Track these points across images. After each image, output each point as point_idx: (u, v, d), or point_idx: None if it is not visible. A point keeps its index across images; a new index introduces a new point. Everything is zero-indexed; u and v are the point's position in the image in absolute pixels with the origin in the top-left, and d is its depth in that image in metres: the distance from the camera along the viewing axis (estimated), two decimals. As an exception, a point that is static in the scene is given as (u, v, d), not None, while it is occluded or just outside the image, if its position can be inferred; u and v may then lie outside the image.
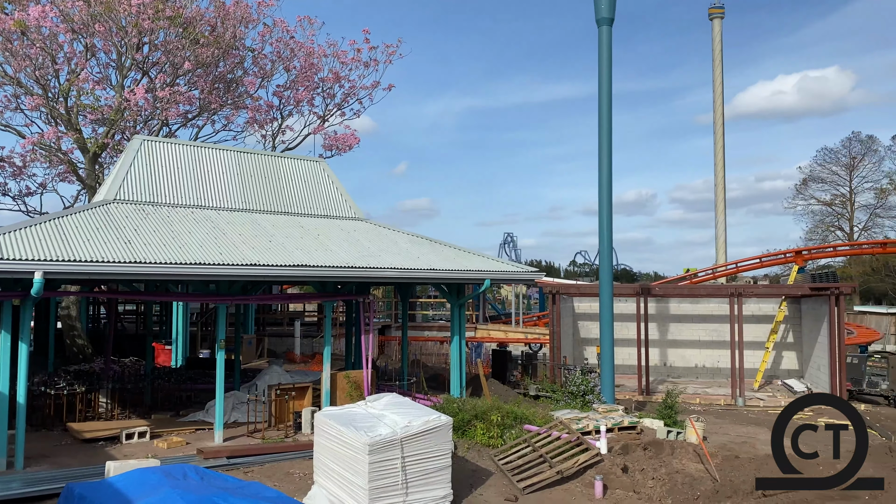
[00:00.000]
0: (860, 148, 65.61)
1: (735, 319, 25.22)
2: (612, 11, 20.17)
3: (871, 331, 40.11)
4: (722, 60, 76.43)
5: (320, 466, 12.22)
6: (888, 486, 13.68)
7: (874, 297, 67.06)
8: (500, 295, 76.91)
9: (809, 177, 67.72)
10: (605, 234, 20.54)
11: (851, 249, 49.55)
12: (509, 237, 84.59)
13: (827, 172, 66.85)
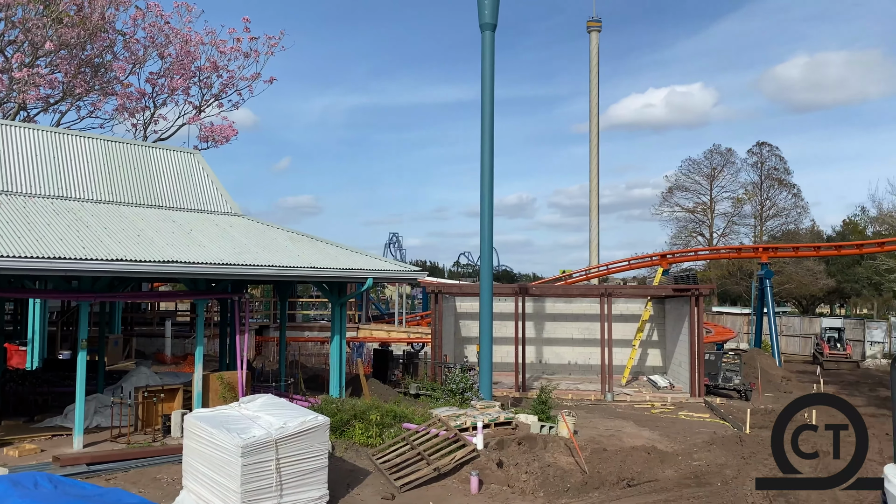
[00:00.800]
0: (720, 160, 70.57)
1: (605, 318, 26.44)
2: (495, 18, 20.61)
3: (727, 330, 43.24)
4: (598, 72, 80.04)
5: (190, 471, 11.72)
6: (738, 473, 14.81)
7: (730, 298, 72.41)
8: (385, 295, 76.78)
9: (675, 185, 72.09)
10: (486, 235, 20.97)
11: (711, 254, 53.18)
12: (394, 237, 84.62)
13: (690, 182, 71.41)
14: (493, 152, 20.96)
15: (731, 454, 16.22)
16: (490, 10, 20.46)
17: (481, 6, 20.53)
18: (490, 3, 20.42)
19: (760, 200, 69.52)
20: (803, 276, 61.28)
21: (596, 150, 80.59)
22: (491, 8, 20.44)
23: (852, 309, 75.36)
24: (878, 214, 61.21)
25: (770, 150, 70.01)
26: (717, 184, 70.80)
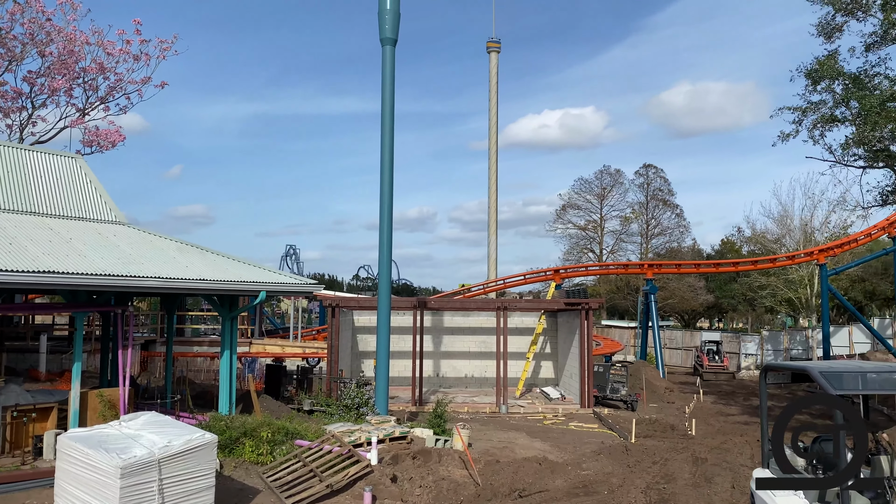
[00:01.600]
0: (609, 180, 73.85)
1: (501, 332, 26.93)
2: (395, 33, 20.72)
3: (615, 342, 44.99)
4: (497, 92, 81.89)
5: (63, 495, 10.97)
6: (623, 481, 15.38)
7: (618, 312, 75.42)
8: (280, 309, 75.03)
9: (568, 203, 74.77)
10: (385, 248, 20.93)
11: (600, 269, 55.29)
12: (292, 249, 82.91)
13: (582, 200, 74.29)
14: (393, 165, 21.00)
15: (618, 463, 16.83)
16: (391, 25, 20.56)
17: (382, 21, 20.60)
18: (391, 18, 20.52)
19: (646, 219, 73.14)
20: (685, 292, 64.77)
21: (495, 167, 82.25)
22: (391, 23, 20.55)
23: (729, 323, 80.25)
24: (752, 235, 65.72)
25: (655, 172, 73.88)
26: (606, 203, 73.98)
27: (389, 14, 20.57)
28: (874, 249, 50.97)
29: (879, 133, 20.97)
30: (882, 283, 55.85)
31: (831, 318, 46.00)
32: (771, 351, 48.36)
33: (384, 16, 20.57)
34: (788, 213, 59.53)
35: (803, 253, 45.47)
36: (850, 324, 49.20)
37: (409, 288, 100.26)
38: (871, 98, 21.06)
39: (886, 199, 23.42)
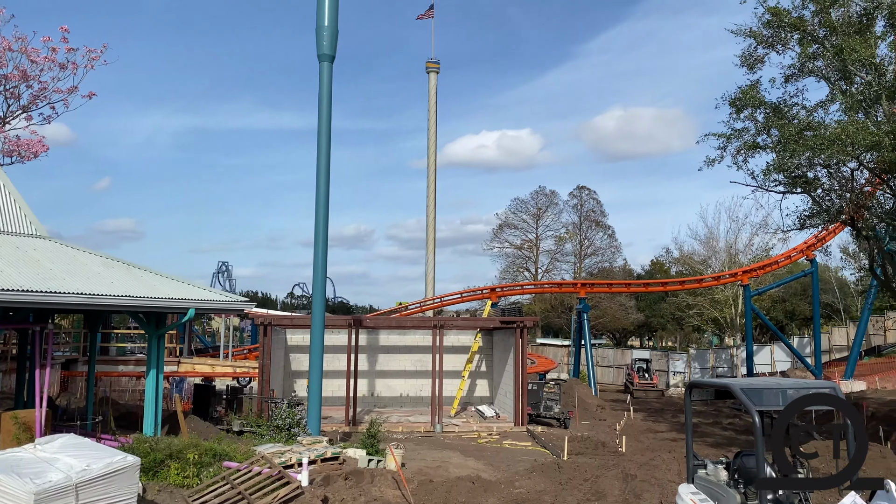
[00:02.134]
0: (545, 200, 75.13)
1: (437, 350, 26.92)
2: (333, 49, 20.67)
3: (549, 360, 45.57)
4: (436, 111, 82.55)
5: (-31, 525, 10.34)
6: (555, 498, 15.52)
7: (553, 330, 76.50)
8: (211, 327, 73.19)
9: (504, 223, 75.68)
10: (320, 265, 20.69)
11: (535, 288, 56.07)
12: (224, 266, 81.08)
13: (518, 220, 75.30)
14: (329, 182, 20.83)
15: (550, 481, 16.96)
16: (328, 41, 20.50)
17: (319, 37, 20.52)
18: (328, 34, 20.47)
19: (580, 240, 74.62)
20: (616, 311, 66.25)
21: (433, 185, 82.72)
22: (329, 39, 20.49)
23: (659, 342, 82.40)
24: (680, 256, 67.86)
25: (589, 194, 75.57)
26: (542, 223, 75.20)
27: (327, 31, 20.52)
28: (794, 271, 53.34)
29: (797, 160, 21.98)
30: (801, 303, 58.43)
31: (754, 337, 47.74)
32: (698, 369, 49.82)
33: (322, 32, 20.50)
34: (714, 236, 61.77)
35: (728, 274, 47.21)
36: (772, 342, 51.24)
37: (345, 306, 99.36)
38: (789, 127, 22.11)
39: (804, 223, 24.51)
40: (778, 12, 22.99)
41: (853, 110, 21.30)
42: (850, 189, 23.36)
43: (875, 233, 23.58)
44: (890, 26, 22.15)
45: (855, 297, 57.20)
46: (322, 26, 20.54)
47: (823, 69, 23.14)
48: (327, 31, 20.50)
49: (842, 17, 22.41)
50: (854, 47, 21.26)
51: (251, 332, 55.11)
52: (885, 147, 18.94)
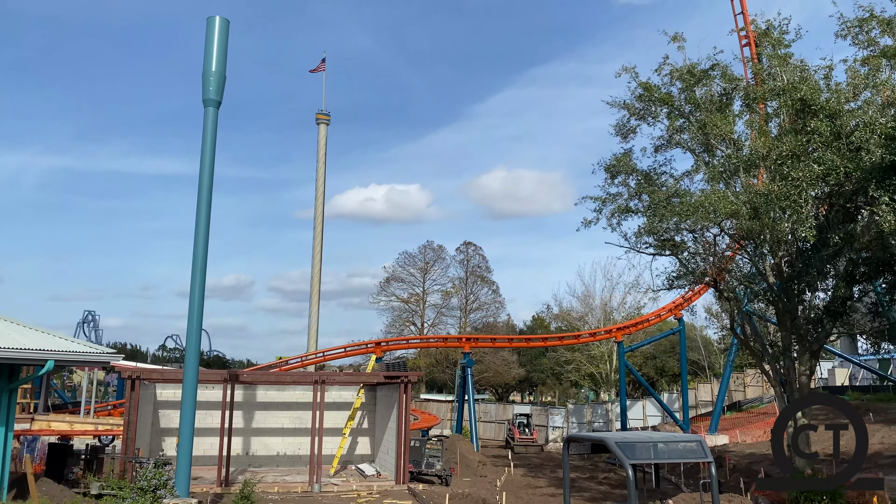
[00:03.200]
0: (433, 255, 75.99)
1: (317, 406, 26.15)
2: (220, 95, 20.29)
3: (433, 416, 45.36)
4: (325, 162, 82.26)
5: None
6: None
7: (437, 386, 76.46)
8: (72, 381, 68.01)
9: (392, 276, 75.71)
10: (196, 317, 19.79)
11: (421, 342, 56.13)
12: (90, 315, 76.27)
13: (406, 273, 75.58)
14: (208, 229, 20.14)
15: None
16: (215, 86, 20.12)
17: (206, 81, 20.12)
18: (215, 80, 20.11)
19: (465, 294, 75.70)
20: (500, 366, 67.24)
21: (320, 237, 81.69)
22: (216, 85, 20.12)
23: (539, 396, 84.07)
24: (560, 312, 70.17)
25: (475, 250, 77.16)
26: (429, 277, 75.81)
27: (215, 76, 20.16)
28: (663, 329, 56.30)
29: (665, 225, 23.46)
30: (670, 360, 61.59)
31: (628, 392, 49.69)
32: (576, 423, 51.10)
33: (209, 77, 20.12)
34: (591, 293, 64.41)
35: (603, 330, 49.16)
36: (644, 398, 53.49)
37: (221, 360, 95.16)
38: (658, 193, 23.66)
39: (672, 283, 26.03)
40: (649, 87, 24.78)
41: (715, 180, 23.08)
42: (713, 253, 25.10)
43: (735, 294, 25.34)
44: (746, 106, 24.37)
45: (718, 355, 60.91)
46: (209, 71, 20.18)
47: (689, 142, 25.03)
48: (215, 77, 20.15)
49: (705, 95, 24.45)
50: (716, 123, 23.20)
51: (117, 387, 51.58)
52: (742, 216, 20.55)
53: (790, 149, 19.56)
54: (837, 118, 19.01)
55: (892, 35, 20.11)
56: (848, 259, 21.28)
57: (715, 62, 24.27)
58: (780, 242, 21.76)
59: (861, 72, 20.92)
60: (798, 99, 20.03)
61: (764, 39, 24.00)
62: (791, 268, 22.79)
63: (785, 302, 23.03)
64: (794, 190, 18.48)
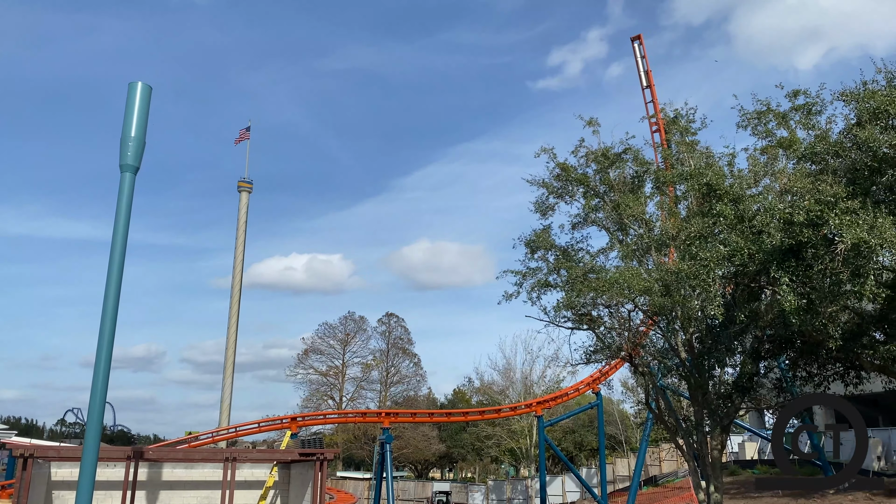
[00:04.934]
0: (353, 326, 75.02)
1: (228, 485, 24.85)
2: (138, 160, 19.83)
3: (349, 495, 43.81)
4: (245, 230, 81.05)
5: None
6: None
7: (354, 462, 74.19)
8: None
9: (311, 348, 74.09)
10: (99, 389, 18.63)
11: (339, 417, 54.43)
12: (-20, 387, 70.79)
13: (325, 345, 74.11)
14: (118, 297, 19.27)
15: None
16: (133, 152, 19.67)
17: (124, 147, 19.65)
18: (134, 144, 19.68)
19: (387, 367, 74.70)
20: (419, 441, 66.03)
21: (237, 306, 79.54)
22: (134, 150, 19.68)
23: (459, 472, 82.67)
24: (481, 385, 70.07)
25: (397, 321, 76.70)
26: (349, 349, 74.60)
27: (133, 141, 19.73)
28: (582, 403, 56.86)
29: (583, 299, 24.04)
30: (588, 434, 62.04)
31: (548, 467, 49.54)
32: (495, 500, 50.36)
33: (127, 142, 19.67)
34: (512, 367, 64.80)
35: (524, 404, 49.23)
36: (564, 473, 53.42)
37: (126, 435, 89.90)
38: (576, 269, 24.34)
39: (590, 358, 26.48)
40: (566, 168, 25.82)
41: (628, 258, 23.98)
42: (628, 328, 25.79)
43: (649, 369, 25.99)
44: (656, 188, 25.65)
45: (634, 429, 61.85)
46: (128, 137, 19.74)
47: (604, 220, 26.03)
48: (133, 143, 19.71)
49: (618, 177, 25.64)
50: (628, 204, 24.28)
51: (7, 465, 47.63)
52: (654, 292, 21.32)
53: (698, 230, 20.59)
54: (740, 202, 20.22)
55: (786, 128, 21.76)
56: (753, 336, 22.27)
57: (627, 146, 25.59)
58: (690, 319, 22.59)
59: (761, 160, 22.50)
60: (704, 183, 21.26)
61: (672, 127, 25.54)
62: (701, 344, 23.64)
63: (696, 377, 23.75)
64: (702, 269, 19.35)
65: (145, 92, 20.35)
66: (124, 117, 19.97)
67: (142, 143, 20.01)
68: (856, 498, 33.89)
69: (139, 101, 20.12)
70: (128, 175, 19.73)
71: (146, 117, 20.21)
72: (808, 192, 16.29)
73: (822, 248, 15.31)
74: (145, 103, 20.30)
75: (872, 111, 16.36)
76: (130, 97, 20.10)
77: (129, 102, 20.06)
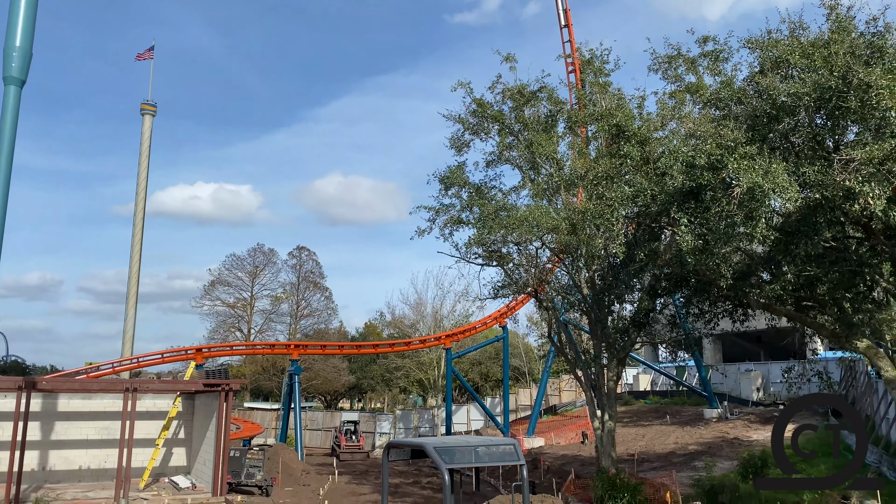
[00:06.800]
0: (263, 259, 73.51)
1: (128, 416, 24.35)
2: (25, 73, 18.38)
3: (256, 425, 43.84)
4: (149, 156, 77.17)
5: None
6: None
7: (263, 394, 74.02)
8: None
9: (217, 280, 72.24)
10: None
11: (246, 349, 54.01)
12: None
13: (233, 277, 72.41)
14: (4, 221, 18.11)
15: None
16: (18, 63, 18.22)
17: (8, 58, 18.16)
18: (19, 55, 18.22)
19: (297, 300, 74.00)
20: (329, 373, 66.42)
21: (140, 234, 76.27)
22: (20, 61, 18.22)
23: (368, 403, 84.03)
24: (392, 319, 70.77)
25: (308, 255, 75.74)
26: (258, 281, 73.25)
27: (19, 52, 18.27)
28: (489, 336, 58.50)
29: (493, 237, 24.40)
30: (494, 366, 64.06)
31: (454, 397, 50.98)
32: (403, 429, 51.62)
33: (11, 53, 18.19)
34: (423, 302, 65.58)
35: (433, 338, 50.20)
36: (469, 402, 55.20)
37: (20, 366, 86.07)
38: (488, 206, 24.58)
39: (497, 293, 27.10)
40: (482, 104, 25.73)
41: (539, 197, 24.39)
42: (535, 265, 26.46)
43: (553, 304, 26.86)
44: (569, 128, 25.99)
45: (537, 361, 64.29)
46: (13, 46, 18.25)
47: (517, 159, 26.25)
48: (18, 53, 18.26)
49: (533, 115, 25.78)
50: (541, 143, 24.53)
51: None
52: (562, 231, 21.86)
53: (605, 170, 21.08)
54: (647, 144, 20.79)
55: (695, 73, 22.31)
56: (652, 274, 23.29)
57: (543, 84, 25.68)
58: (594, 257, 23.34)
59: (669, 104, 23.07)
60: (614, 124, 21.68)
61: (587, 67, 25.73)
62: (603, 281, 24.57)
63: (597, 312, 24.76)
64: (607, 209, 19.92)
65: None
66: (7, 26, 18.43)
67: (28, 54, 18.56)
68: (735, 425, 36.73)
69: (24, 8, 18.57)
70: (12, 88, 18.32)
71: (33, 26, 18.72)
72: (711, 136, 16.83)
73: (720, 192, 15.97)
74: (31, 11, 18.77)
75: (774, 60, 16.96)
76: (14, 4, 18.52)
77: (12, 10, 18.49)
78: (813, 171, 15.34)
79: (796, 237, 16.76)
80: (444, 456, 9.16)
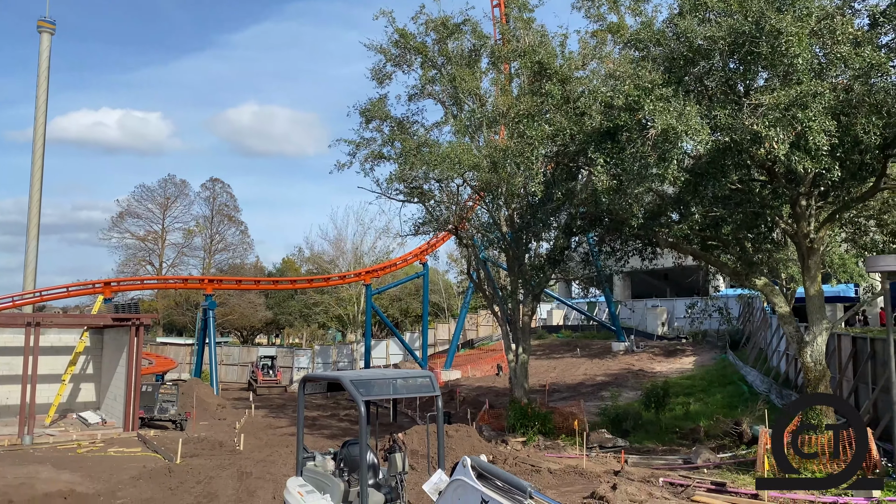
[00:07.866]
0: (174, 190, 70.74)
1: (31, 351, 23.39)
2: None
3: (169, 360, 43.00)
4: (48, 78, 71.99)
5: None
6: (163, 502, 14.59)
7: (176, 329, 72.47)
8: None
9: (126, 211, 69.23)
10: None
11: (158, 283, 52.48)
12: None
13: (143, 209, 69.53)
14: None
15: (159, 486, 15.92)
16: None
17: None
18: None
19: (210, 234, 71.98)
20: (245, 308, 65.51)
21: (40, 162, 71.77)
22: None
23: (286, 339, 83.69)
24: (311, 255, 69.98)
25: (222, 187, 73.41)
26: (169, 214, 70.67)
27: None
28: (409, 273, 58.83)
29: (415, 173, 24.23)
30: (414, 302, 64.70)
31: (374, 332, 51.34)
32: (321, 364, 51.83)
33: None
34: (343, 237, 65.07)
35: (353, 274, 50.07)
36: (389, 338, 55.76)
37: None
38: (409, 141, 24.29)
39: (418, 230, 27.13)
40: (405, 35, 25.08)
41: (461, 133, 24.25)
42: (456, 202, 26.54)
43: (473, 242, 27.15)
44: (492, 64, 25.76)
45: (456, 298, 65.29)
46: None
47: (440, 93, 25.92)
48: None
49: (456, 49, 25.37)
50: (464, 78, 24.25)
51: None
52: (483, 168, 21.91)
53: (527, 108, 21.10)
54: (568, 83, 20.86)
55: (617, 13, 22.34)
56: (568, 213, 23.77)
57: (467, 17, 25.21)
58: (513, 195, 23.59)
59: (591, 43, 23.15)
60: (536, 62, 21.59)
61: (512, 2, 25.39)
62: (521, 219, 24.92)
63: (515, 250, 25.19)
64: (527, 147, 20.01)
65: None
66: None
67: None
68: (640, 358, 38.62)
69: None
70: None
71: None
72: (629, 77, 17.02)
73: (636, 133, 16.26)
74: None
75: (693, 2, 17.15)
76: None
77: None
78: (724, 114, 15.79)
79: (705, 179, 17.35)
80: (360, 388, 9.20)
